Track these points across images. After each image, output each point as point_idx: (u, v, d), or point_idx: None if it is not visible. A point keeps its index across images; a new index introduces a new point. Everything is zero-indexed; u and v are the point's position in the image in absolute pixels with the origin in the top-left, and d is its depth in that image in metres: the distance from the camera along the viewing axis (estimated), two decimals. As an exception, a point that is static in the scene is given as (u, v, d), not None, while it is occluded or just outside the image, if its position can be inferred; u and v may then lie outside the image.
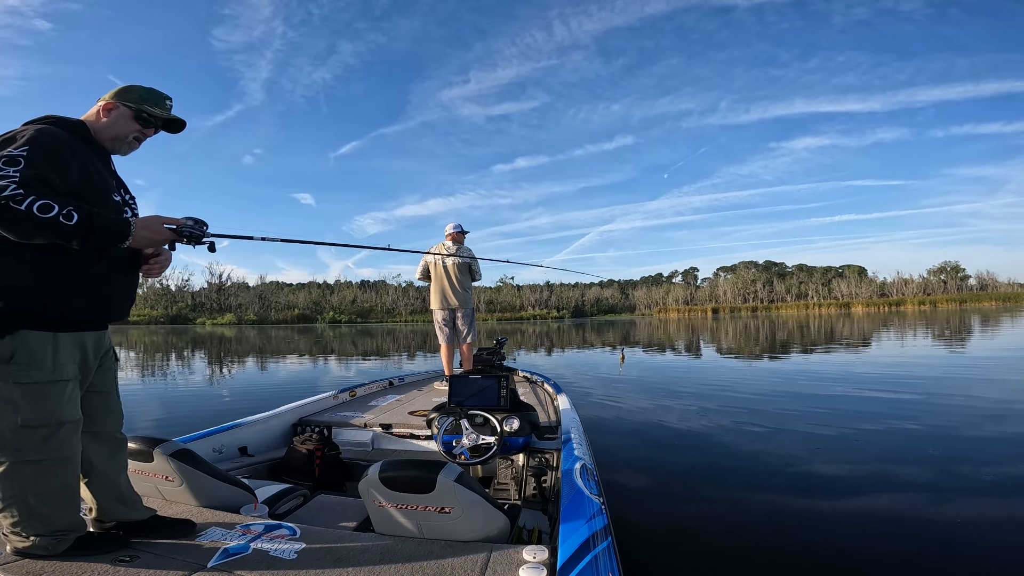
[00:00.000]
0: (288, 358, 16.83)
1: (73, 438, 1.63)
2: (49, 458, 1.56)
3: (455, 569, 1.54)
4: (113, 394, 1.89)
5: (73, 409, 1.63)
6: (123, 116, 1.82)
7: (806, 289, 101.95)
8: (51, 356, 1.58)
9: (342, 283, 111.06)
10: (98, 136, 1.80)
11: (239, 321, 76.54)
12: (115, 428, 1.88)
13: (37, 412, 1.54)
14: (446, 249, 5.77)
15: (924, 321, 29.83)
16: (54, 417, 1.56)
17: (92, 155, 1.73)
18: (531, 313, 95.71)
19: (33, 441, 1.54)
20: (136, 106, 1.83)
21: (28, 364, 1.54)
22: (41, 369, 1.55)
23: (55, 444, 1.57)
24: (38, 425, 1.54)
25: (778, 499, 3.39)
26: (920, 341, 16.30)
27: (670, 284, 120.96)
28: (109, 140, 1.82)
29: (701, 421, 5.78)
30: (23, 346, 1.54)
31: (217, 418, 3.74)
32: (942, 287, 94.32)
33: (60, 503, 1.61)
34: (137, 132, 1.86)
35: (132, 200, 1.91)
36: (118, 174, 1.89)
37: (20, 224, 1.43)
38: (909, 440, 4.73)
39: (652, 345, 18.78)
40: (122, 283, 1.79)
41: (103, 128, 1.80)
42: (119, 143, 1.84)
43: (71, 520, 1.64)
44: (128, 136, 1.84)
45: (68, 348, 1.63)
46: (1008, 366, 9.70)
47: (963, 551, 2.64)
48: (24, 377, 1.53)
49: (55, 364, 1.59)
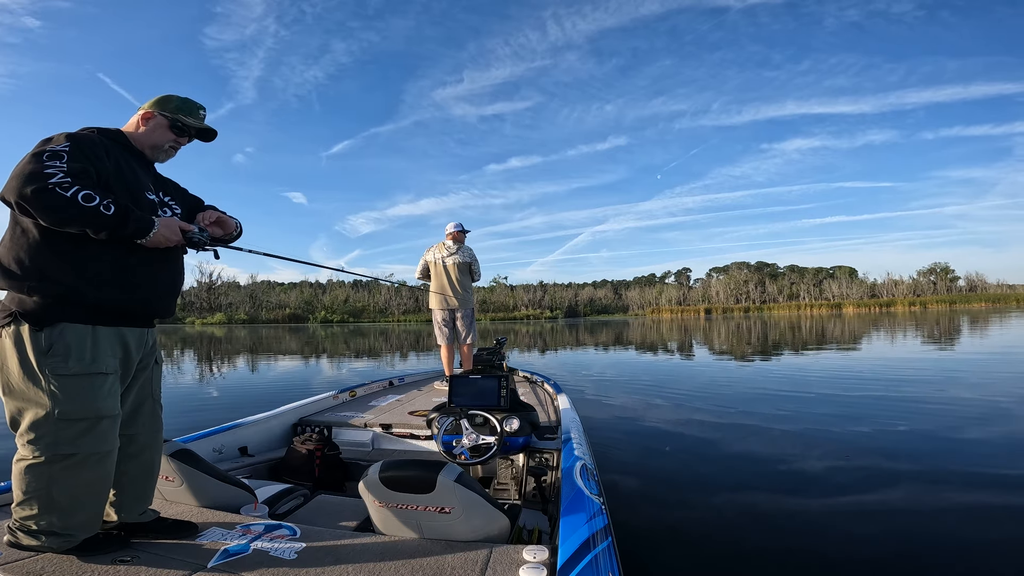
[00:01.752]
0: (282, 359, 16.74)
1: (111, 433, 1.64)
2: (83, 452, 1.57)
3: (455, 569, 1.54)
4: (153, 396, 1.90)
5: (112, 403, 1.64)
6: (160, 126, 1.90)
7: (798, 290, 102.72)
8: (90, 348, 1.60)
9: (334, 283, 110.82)
10: (137, 144, 1.89)
11: (229, 320, 76.07)
12: (151, 432, 1.89)
13: (75, 405, 1.55)
14: (446, 249, 5.74)
15: (914, 322, 30.09)
16: (92, 410, 1.58)
17: (129, 158, 1.81)
18: (524, 313, 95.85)
19: (70, 434, 1.55)
20: (172, 116, 1.91)
21: (66, 356, 1.56)
22: (80, 361, 1.57)
23: (92, 438, 1.58)
24: (76, 419, 1.55)
25: (779, 499, 3.40)
26: (911, 342, 16.43)
27: (663, 284, 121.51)
28: (148, 148, 1.91)
29: (701, 421, 5.79)
30: (61, 338, 1.56)
31: (217, 418, 3.73)
32: (932, 288, 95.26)
33: (83, 500, 1.60)
34: (172, 141, 1.94)
35: (172, 201, 1.95)
36: (162, 176, 2.00)
37: (65, 209, 1.48)
38: (926, 439, 4.76)
39: (648, 346, 18.83)
40: (160, 277, 1.81)
41: (142, 137, 1.89)
42: (157, 151, 1.93)
43: (86, 520, 1.63)
44: (164, 145, 1.93)
45: (108, 342, 1.66)
46: (997, 367, 9.79)
47: (962, 549, 2.66)
48: (62, 369, 1.55)
49: (94, 356, 1.60)
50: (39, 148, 1.57)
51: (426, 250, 5.90)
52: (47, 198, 1.47)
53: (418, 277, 5.93)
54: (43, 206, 1.48)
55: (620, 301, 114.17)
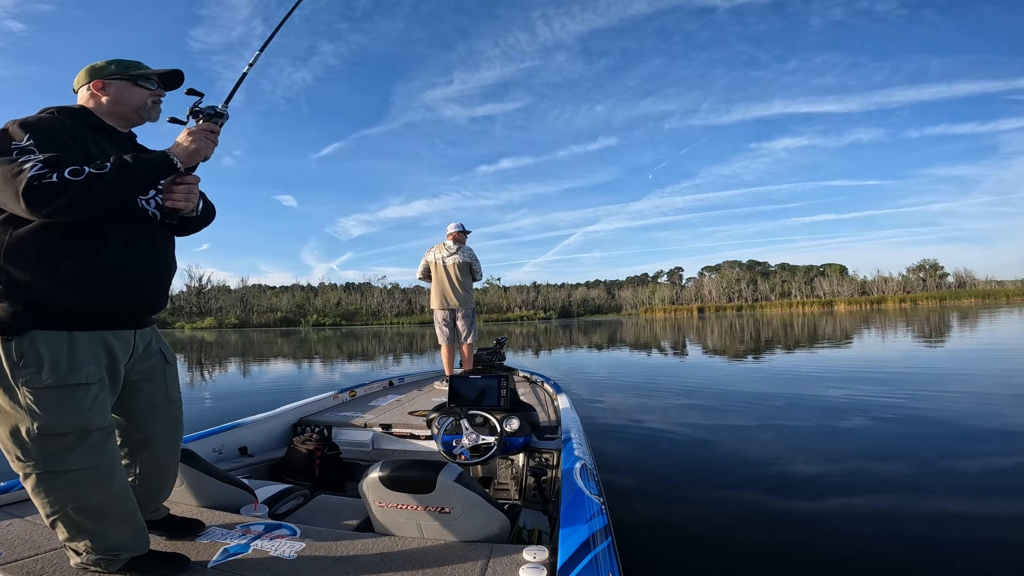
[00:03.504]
0: (274, 362, 16.65)
1: (104, 447, 1.51)
2: (77, 468, 1.45)
3: (455, 569, 1.54)
4: (169, 398, 1.81)
5: (99, 415, 1.50)
6: (123, 87, 1.70)
7: (789, 288, 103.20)
8: (66, 357, 1.45)
9: (326, 285, 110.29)
10: (110, 116, 1.70)
11: (220, 325, 75.49)
12: (168, 434, 1.81)
13: (56, 419, 1.42)
14: (447, 249, 5.76)
15: (905, 319, 30.33)
16: (74, 424, 1.44)
17: (98, 137, 1.62)
18: (518, 314, 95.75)
19: (58, 450, 1.43)
20: (124, 73, 1.70)
21: (39, 367, 1.41)
22: (55, 372, 1.43)
23: (82, 453, 1.46)
24: (60, 433, 1.43)
25: (780, 498, 3.40)
26: (902, 339, 16.58)
27: (656, 284, 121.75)
28: (130, 112, 1.72)
29: (700, 420, 5.80)
30: (32, 348, 1.42)
31: (217, 418, 3.70)
32: (921, 285, 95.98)
33: (107, 518, 1.51)
34: (150, 96, 1.74)
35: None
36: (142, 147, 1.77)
37: (61, 194, 1.33)
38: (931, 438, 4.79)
39: (643, 346, 18.88)
40: (142, 271, 1.64)
41: (111, 105, 1.69)
42: (143, 111, 1.74)
43: (122, 537, 1.54)
44: (146, 102, 1.74)
45: (89, 348, 1.51)
46: (988, 363, 9.90)
47: (961, 550, 2.67)
48: (36, 381, 1.41)
49: (71, 366, 1.45)
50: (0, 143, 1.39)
51: (427, 251, 5.92)
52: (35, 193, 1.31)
53: (419, 278, 5.94)
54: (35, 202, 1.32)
55: (613, 301, 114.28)
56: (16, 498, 2.10)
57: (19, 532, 1.80)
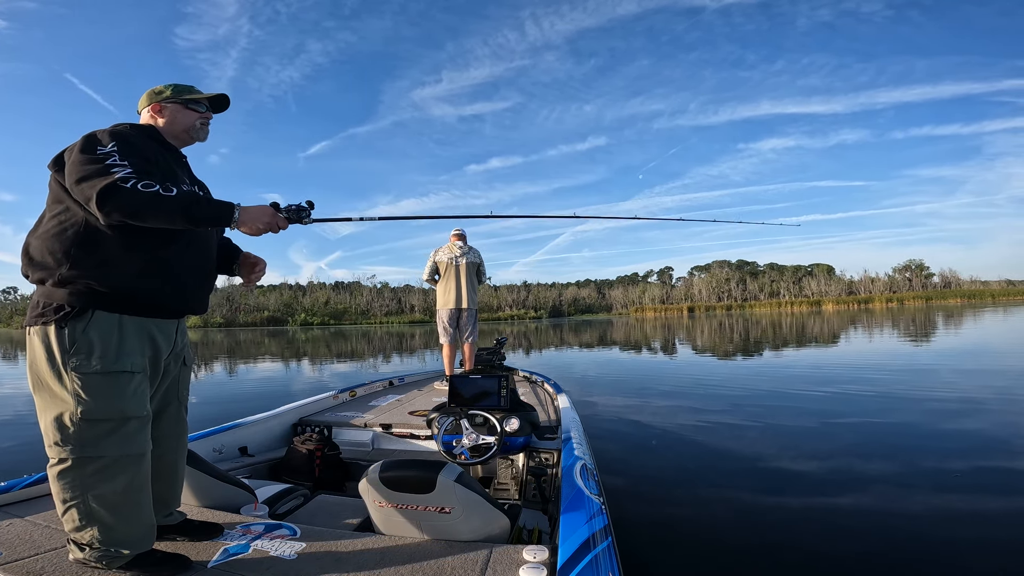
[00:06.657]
0: (263, 361, 16.54)
1: (140, 435, 1.57)
2: (110, 455, 1.50)
3: (455, 569, 1.54)
4: (179, 399, 1.87)
5: (139, 404, 1.57)
6: (177, 110, 1.87)
7: (778, 287, 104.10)
8: (115, 345, 1.54)
9: (315, 284, 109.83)
10: (168, 135, 1.86)
11: (205, 324, 74.72)
12: (175, 435, 1.86)
13: (99, 405, 1.49)
14: (459, 249, 5.88)
15: (891, 318, 30.68)
16: (116, 411, 1.51)
17: (166, 153, 1.78)
18: (509, 313, 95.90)
19: (96, 436, 1.49)
20: (178, 98, 1.87)
21: (89, 353, 1.50)
22: (103, 359, 1.51)
23: (118, 440, 1.52)
24: (100, 419, 1.49)
25: (780, 497, 3.42)
26: (888, 338, 16.77)
27: (646, 283, 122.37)
28: (182, 133, 1.89)
29: (700, 420, 5.82)
30: (84, 334, 1.51)
31: (217, 418, 3.68)
32: (908, 285, 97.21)
33: (122, 509, 1.54)
34: (199, 118, 1.92)
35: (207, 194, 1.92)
36: (192, 172, 1.96)
37: (129, 203, 1.47)
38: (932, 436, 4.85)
39: (634, 345, 18.95)
40: (193, 270, 1.78)
41: (168, 126, 1.86)
42: (193, 132, 1.91)
43: (132, 533, 1.57)
44: (196, 123, 1.91)
45: (136, 337, 1.60)
46: (974, 362, 10.03)
47: (962, 548, 2.69)
48: (84, 367, 1.49)
49: (119, 354, 1.54)
50: (89, 145, 1.55)
51: (434, 251, 5.99)
52: (108, 195, 1.45)
53: (425, 279, 6.01)
54: (117, 205, 1.46)
55: (604, 300, 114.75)
56: (16, 498, 2.09)
57: (19, 532, 1.79)
